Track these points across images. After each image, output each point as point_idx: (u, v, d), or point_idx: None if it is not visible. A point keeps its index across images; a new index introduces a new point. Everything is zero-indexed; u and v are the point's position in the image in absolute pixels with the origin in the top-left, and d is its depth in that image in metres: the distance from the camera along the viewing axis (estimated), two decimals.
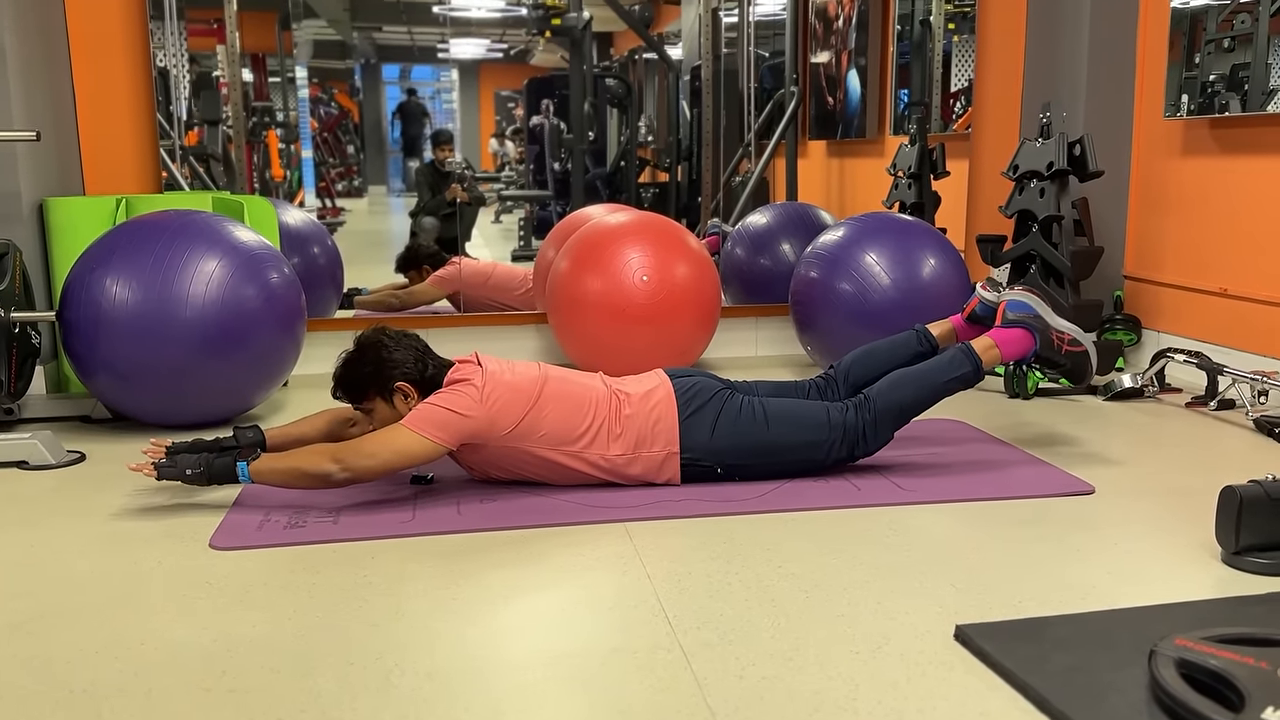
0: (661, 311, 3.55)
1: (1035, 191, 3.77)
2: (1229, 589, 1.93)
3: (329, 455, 2.30)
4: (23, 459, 2.79)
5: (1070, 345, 2.71)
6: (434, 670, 1.63)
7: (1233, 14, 3.52)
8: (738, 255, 4.58)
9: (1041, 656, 1.62)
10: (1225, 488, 2.05)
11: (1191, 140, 3.84)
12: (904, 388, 2.60)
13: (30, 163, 3.42)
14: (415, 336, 2.53)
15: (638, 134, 5.19)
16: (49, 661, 1.68)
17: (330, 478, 2.29)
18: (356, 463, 2.29)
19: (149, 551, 2.16)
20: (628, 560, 2.08)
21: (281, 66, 4.59)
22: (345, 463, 2.29)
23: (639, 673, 1.62)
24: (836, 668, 1.63)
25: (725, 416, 2.52)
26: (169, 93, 4.07)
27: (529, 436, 2.41)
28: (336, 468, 2.28)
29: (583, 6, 4.83)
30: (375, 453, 2.30)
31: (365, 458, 2.30)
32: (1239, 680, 1.43)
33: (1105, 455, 2.82)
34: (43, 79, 3.54)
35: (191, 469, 2.34)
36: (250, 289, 3.02)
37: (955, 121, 4.59)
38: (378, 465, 2.31)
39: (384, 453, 2.30)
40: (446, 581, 1.98)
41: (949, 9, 4.62)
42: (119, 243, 3.00)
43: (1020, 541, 2.18)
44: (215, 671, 1.63)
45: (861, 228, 3.73)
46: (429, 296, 4.53)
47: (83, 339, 2.95)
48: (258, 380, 3.14)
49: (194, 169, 4.25)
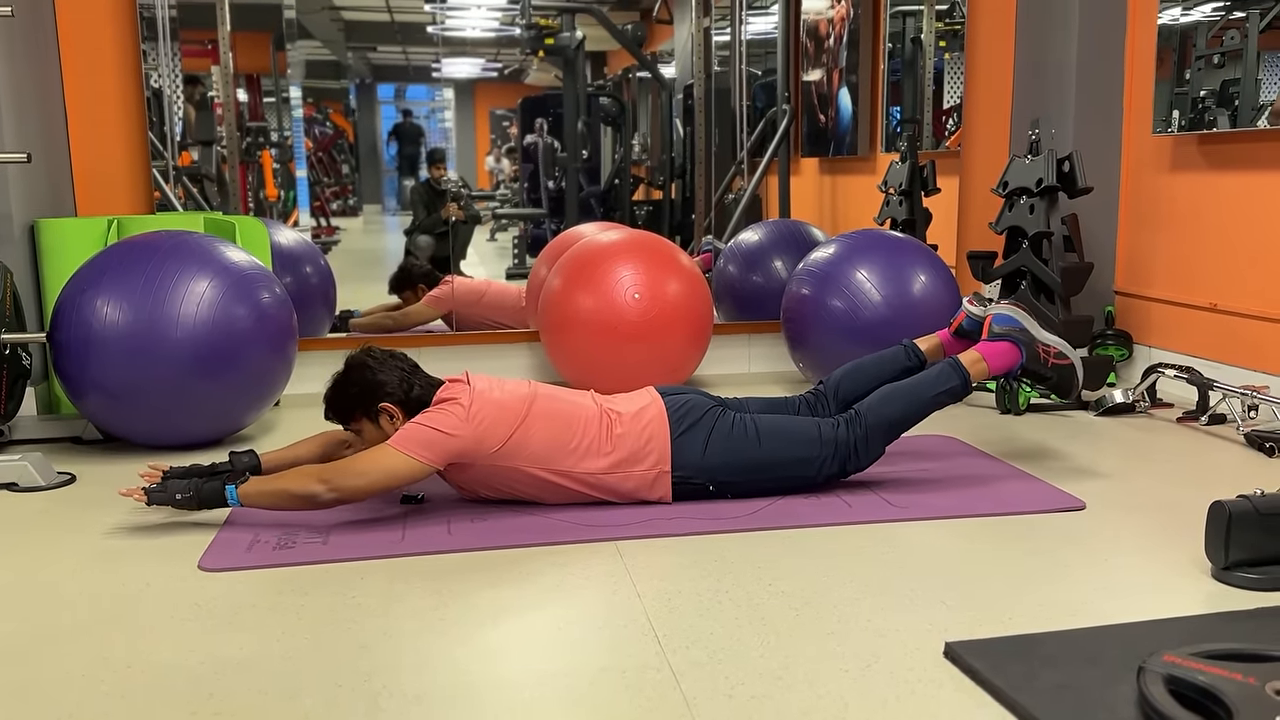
0: (653, 329, 3.56)
1: (1025, 208, 3.78)
2: (1218, 604, 1.93)
3: (315, 476, 2.30)
4: (13, 480, 2.78)
5: (1056, 359, 2.71)
6: (423, 692, 1.63)
7: (1222, 30, 3.55)
8: (730, 272, 4.59)
9: (1030, 674, 1.62)
10: (1214, 503, 2.05)
11: (1181, 156, 3.86)
12: (894, 402, 2.61)
13: (21, 184, 3.43)
14: (402, 356, 2.52)
15: (631, 152, 5.21)
16: (35, 685, 1.67)
17: (317, 499, 2.29)
18: (343, 483, 2.29)
19: (138, 573, 2.15)
20: (618, 579, 2.08)
21: (276, 86, 4.61)
22: (332, 483, 2.28)
23: (628, 692, 1.61)
24: (826, 686, 1.62)
25: (717, 434, 2.51)
26: (163, 113, 4.09)
27: (517, 455, 2.41)
28: (323, 489, 2.28)
29: (576, 26, 4.86)
30: (362, 473, 2.30)
31: (352, 478, 2.29)
32: (1227, 696, 1.42)
33: (1096, 470, 2.82)
34: (34, 100, 3.56)
35: (181, 494, 2.34)
36: (241, 309, 3.03)
37: (948, 138, 4.61)
38: (364, 485, 2.31)
39: (370, 473, 2.30)
40: (436, 602, 1.98)
41: (939, 27, 4.64)
42: (110, 264, 3.01)
43: (1011, 558, 2.18)
44: (202, 694, 1.63)
45: (853, 245, 3.74)
46: (424, 317, 4.53)
47: (73, 360, 2.95)
48: (249, 400, 3.13)
49: (188, 189, 4.26)
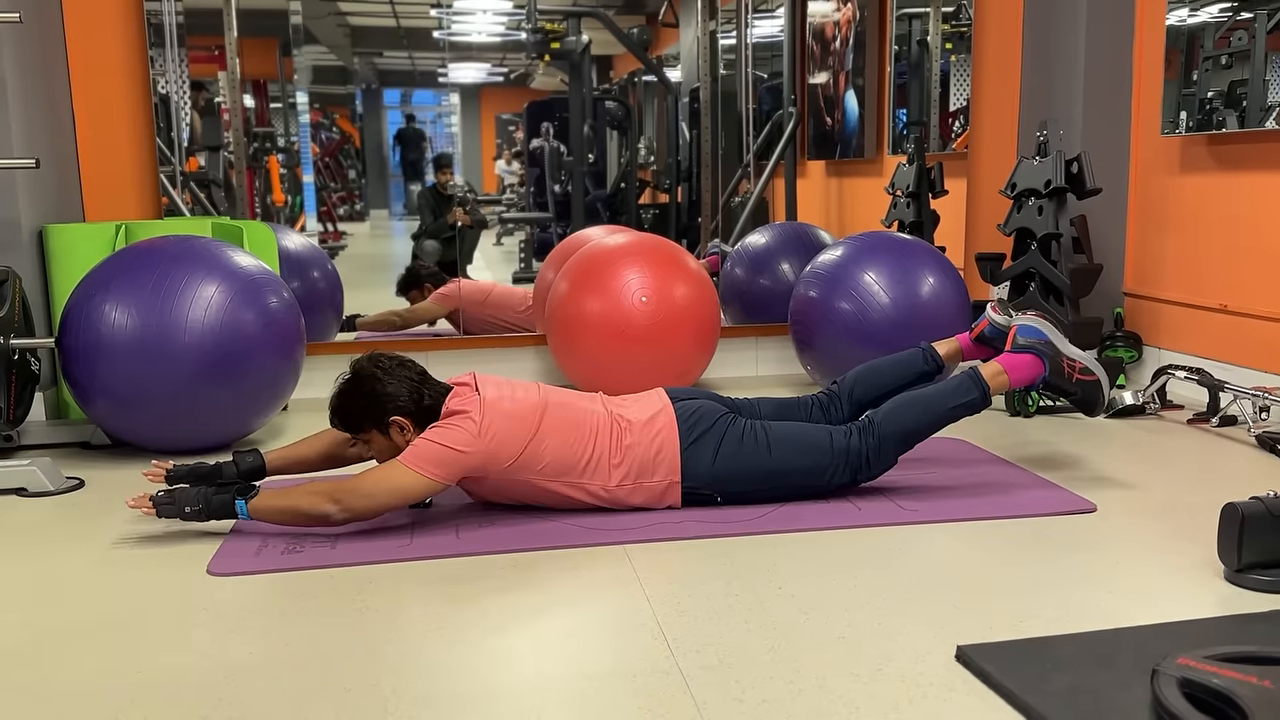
0: (661, 332, 3.55)
1: (1033, 209, 3.77)
2: (1232, 607, 1.91)
3: (328, 496, 2.27)
4: (21, 485, 2.78)
5: (1082, 374, 2.64)
6: (431, 696, 1.62)
7: (1230, 31, 3.53)
8: (737, 275, 4.59)
9: (1043, 677, 1.61)
10: (1227, 505, 2.03)
11: (1190, 157, 3.85)
12: (909, 412, 2.55)
13: (30, 190, 3.43)
14: (411, 363, 2.46)
15: (637, 156, 5.21)
16: (44, 689, 1.67)
17: (329, 518, 2.28)
18: (355, 503, 2.28)
19: (147, 577, 2.15)
20: (627, 583, 2.07)
21: (283, 92, 4.62)
22: (344, 503, 2.27)
23: (638, 696, 1.61)
24: (836, 690, 1.61)
25: (728, 443, 2.48)
26: (170, 119, 4.10)
27: (530, 468, 2.39)
28: (335, 508, 2.27)
29: (582, 30, 4.86)
30: (373, 493, 2.29)
31: (364, 498, 2.28)
32: (1242, 699, 1.41)
33: (1107, 473, 2.80)
34: (42, 106, 3.56)
35: (190, 506, 2.31)
36: (249, 314, 3.03)
37: (954, 141, 4.61)
38: (376, 505, 2.30)
39: (382, 493, 2.29)
40: (445, 606, 1.97)
41: (946, 29, 4.64)
42: (118, 269, 3.01)
43: (1022, 561, 2.17)
44: (211, 699, 1.62)
45: (861, 247, 3.73)
46: (430, 314, 4.54)
47: (82, 365, 2.95)
48: (257, 405, 3.13)
49: (195, 195, 4.27)
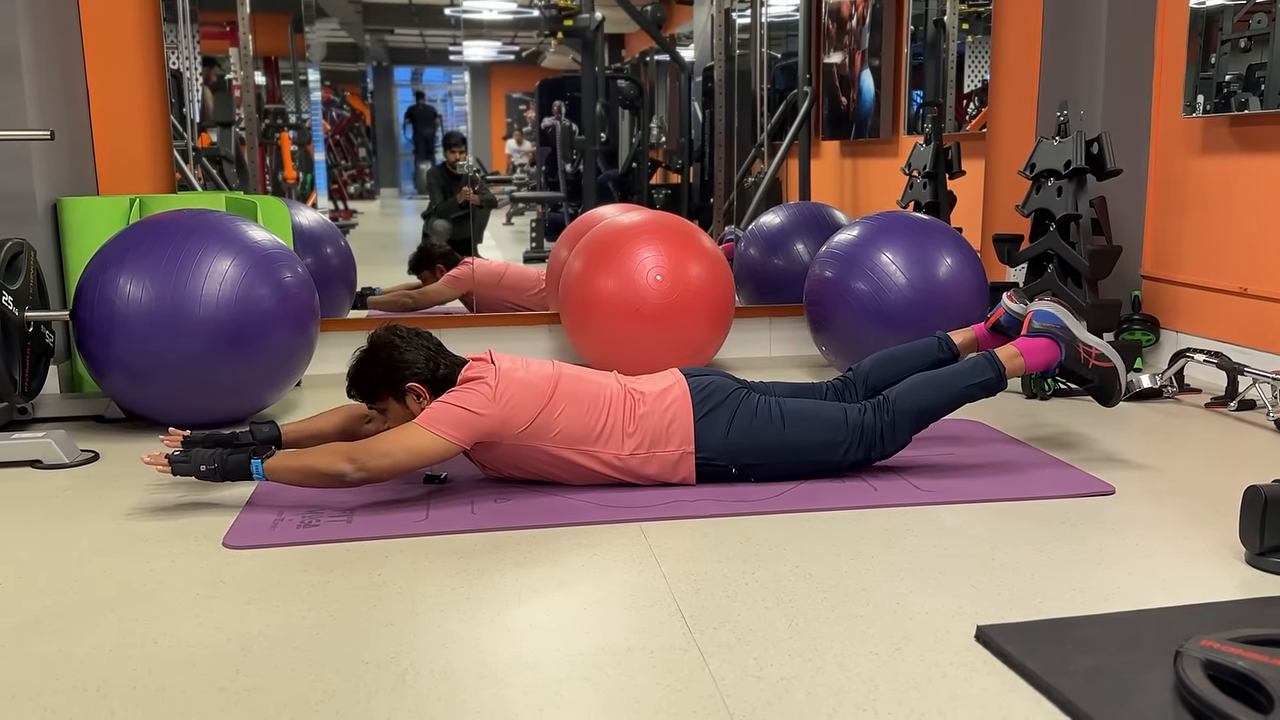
0: (675, 311, 3.53)
1: (1052, 190, 3.74)
2: (1254, 590, 1.90)
3: (344, 455, 2.29)
4: (37, 458, 2.79)
5: (1098, 360, 2.63)
6: (449, 669, 1.62)
7: (1249, 14, 3.49)
8: (751, 255, 4.56)
9: (1064, 658, 1.59)
10: (1249, 488, 2.02)
11: (1210, 139, 3.81)
12: (924, 391, 2.56)
13: (44, 162, 3.42)
14: (428, 335, 2.51)
15: (650, 135, 5.18)
16: (62, 660, 1.67)
17: (345, 477, 2.28)
18: (371, 462, 2.28)
19: (162, 550, 2.15)
20: (643, 560, 2.07)
21: (294, 69, 4.59)
22: (360, 462, 2.27)
23: (655, 673, 1.60)
24: (856, 669, 1.61)
25: (741, 416, 2.49)
26: (182, 95, 4.08)
27: (543, 435, 2.40)
28: (351, 468, 2.27)
29: (595, 8, 4.82)
30: (389, 452, 2.29)
31: (380, 457, 2.28)
32: (1267, 682, 1.40)
33: (1124, 456, 2.79)
34: (57, 79, 3.55)
35: (206, 465, 2.33)
36: (264, 288, 3.02)
37: (969, 122, 4.57)
38: (392, 465, 2.30)
39: (398, 452, 2.29)
40: (461, 581, 1.97)
41: (963, 9, 4.59)
42: (133, 242, 3.00)
43: (1040, 542, 2.15)
44: (229, 670, 1.62)
45: (877, 227, 3.70)
46: (442, 296, 4.53)
47: (96, 338, 2.95)
48: (271, 380, 3.13)
49: (207, 170, 4.26)
